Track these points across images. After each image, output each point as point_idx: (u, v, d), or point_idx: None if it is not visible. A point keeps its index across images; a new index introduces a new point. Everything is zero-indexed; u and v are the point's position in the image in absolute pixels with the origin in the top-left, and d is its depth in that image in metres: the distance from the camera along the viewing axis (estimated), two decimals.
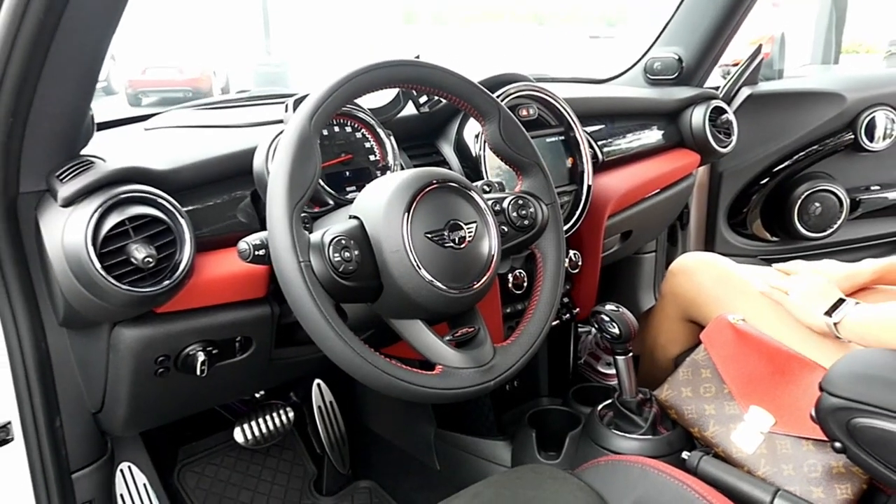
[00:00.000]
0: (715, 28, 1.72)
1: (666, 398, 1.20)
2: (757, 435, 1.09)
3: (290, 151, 0.80)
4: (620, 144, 1.57)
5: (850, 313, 1.06)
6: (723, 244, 2.03)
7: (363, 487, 1.62)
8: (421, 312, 0.86)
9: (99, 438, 1.09)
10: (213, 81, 9.05)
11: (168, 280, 0.84)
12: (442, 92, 0.96)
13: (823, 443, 1.00)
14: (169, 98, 8.38)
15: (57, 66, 0.78)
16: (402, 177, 0.87)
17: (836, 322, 1.07)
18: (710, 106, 1.69)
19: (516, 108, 1.28)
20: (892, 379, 0.88)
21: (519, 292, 1.28)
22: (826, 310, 1.09)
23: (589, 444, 1.21)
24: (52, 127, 0.85)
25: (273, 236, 0.78)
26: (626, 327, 1.16)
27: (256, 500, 1.54)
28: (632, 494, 0.95)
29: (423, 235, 0.84)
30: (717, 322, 1.21)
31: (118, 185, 0.83)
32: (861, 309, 1.06)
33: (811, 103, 1.94)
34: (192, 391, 1.08)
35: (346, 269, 0.80)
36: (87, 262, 0.79)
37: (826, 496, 1.00)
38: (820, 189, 1.94)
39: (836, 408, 0.90)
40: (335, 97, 0.84)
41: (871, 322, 1.02)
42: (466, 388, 0.85)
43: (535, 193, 1.02)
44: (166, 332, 0.94)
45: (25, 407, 0.98)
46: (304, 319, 0.77)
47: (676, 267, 1.45)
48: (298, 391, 1.66)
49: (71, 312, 0.89)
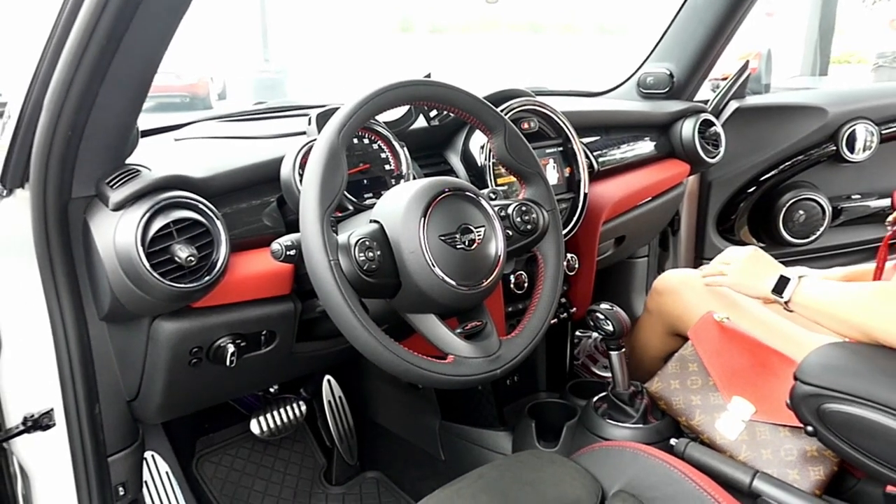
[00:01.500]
0: (704, 46, 1.82)
1: (656, 390, 1.29)
2: (739, 423, 1.18)
3: (321, 162, 0.89)
4: (615, 155, 1.67)
5: (807, 288, 1.12)
6: (712, 250, 2.12)
7: (370, 478, 1.71)
8: (434, 307, 0.95)
9: (132, 425, 1.17)
10: (211, 87, 9.11)
11: (208, 276, 0.93)
12: (453, 108, 1.05)
13: (799, 429, 1.09)
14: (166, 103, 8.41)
15: (114, 84, 0.87)
16: (419, 185, 0.96)
17: (788, 300, 1.14)
18: (699, 119, 1.79)
19: (518, 121, 1.38)
20: (858, 369, 0.98)
21: (520, 292, 1.38)
22: (772, 285, 1.15)
23: (584, 432, 1.30)
24: (104, 139, 0.94)
25: (306, 238, 0.87)
26: (620, 325, 1.26)
27: (270, 489, 1.63)
28: (624, 476, 1.04)
29: (438, 238, 0.93)
30: (704, 320, 1.30)
31: (163, 192, 0.93)
32: (818, 285, 1.11)
33: (795, 116, 2.04)
34: (221, 381, 1.17)
35: (369, 267, 0.89)
36: (137, 260, 0.88)
37: (801, 477, 1.10)
38: (804, 198, 2.04)
39: (808, 395, 1.00)
40: (360, 114, 0.94)
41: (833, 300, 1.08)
42: (476, 376, 0.94)
43: (537, 200, 1.11)
44: (201, 325, 1.03)
45: (69, 395, 1.06)
46: (333, 311, 0.87)
47: (660, 285, 1.51)
48: (308, 387, 1.75)
49: (116, 307, 0.97)
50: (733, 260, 1.28)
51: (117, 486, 1.15)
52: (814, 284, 1.12)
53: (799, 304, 1.13)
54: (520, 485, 1.01)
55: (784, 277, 1.15)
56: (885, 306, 0.99)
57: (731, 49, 1.94)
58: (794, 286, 1.14)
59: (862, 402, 0.94)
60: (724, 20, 1.77)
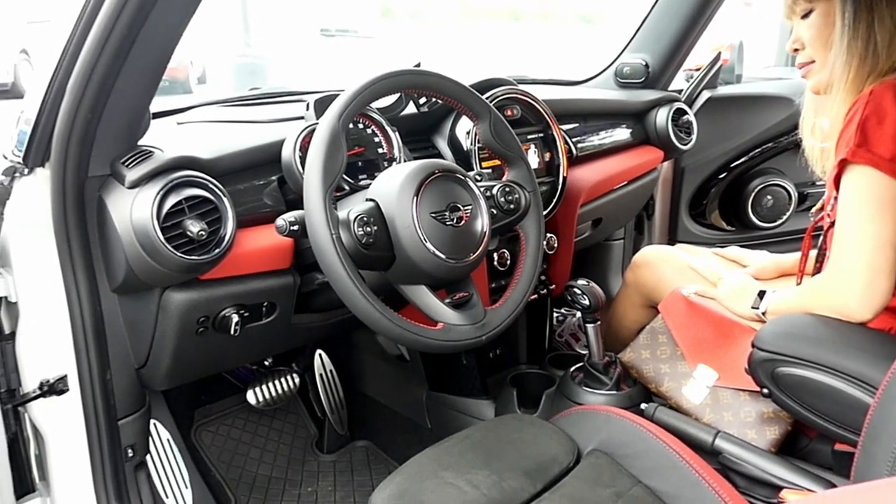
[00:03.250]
0: (678, 38, 1.91)
1: (628, 360, 1.39)
2: (703, 388, 1.29)
3: (323, 145, 0.97)
4: (593, 141, 1.76)
5: (772, 301, 1.26)
6: (684, 233, 2.23)
7: (360, 446, 1.80)
8: (425, 279, 1.04)
9: (140, 391, 1.25)
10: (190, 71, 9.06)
11: (217, 249, 1.01)
12: (442, 96, 1.13)
13: (757, 394, 1.19)
14: None
15: (132, 71, 0.94)
16: (412, 167, 1.05)
17: (763, 311, 1.27)
18: (672, 108, 1.89)
19: (502, 108, 1.47)
20: (807, 335, 1.08)
21: (503, 269, 1.47)
22: (752, 304, 1.29)
23: (562, 399, 1.40)
24: (120, 121, 1.01)
25: (310, 214, 0.95)
26: (595, 299, 1.35)
27: (265, 457, 1.72)
28: (598, 436, 1.13)
29: (429, 215, 1.02)
30: (673, 295, 1.40)
31: (175, 171, 1.00)
32: (778, 296, 1.26)
33: (764, 106, 2.15)
34: (224, 350, 1.25)
35: (367, 241, 0.98)
36: (154, 234, 0.96)
37: (758, 437, 1.20)
38: (771, 183, 2.15)
39: (763, 360, 1.10)
40: (358, 100, 1.02)
41: (787, 302, 1.22)
42: (463, 341, 1.03)
43: (519, 182, 1.20)
44: (208, 296, 1.11)
45: (83, 362, 1.13)
46: (336, 282, 0.95)
47: (640, 259, 1.63)
48: (300, 361, 1.83)
49: (131, 278, 1.05)
50: (725, 279, 1.40)
51: (126, 447, 1.23)
52: (775, 298, 1.26)
53: (770, 313, 1.26)
54: (503, 444, 1.11)
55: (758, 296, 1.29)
56: (817, 299, 1.13)
57: (704, 40, 2.03)
58: (765, 302, 1.27)
59: (811, 365, 1.05)
60: (696, 14, 1.86)
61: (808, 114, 1.34)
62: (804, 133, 1.35)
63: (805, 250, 1.33)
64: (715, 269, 1.46)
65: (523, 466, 1.05)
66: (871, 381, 0.97)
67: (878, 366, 0.96)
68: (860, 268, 1.05)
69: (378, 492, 1.00)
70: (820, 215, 1.27)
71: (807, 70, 1.23)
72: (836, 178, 1.11)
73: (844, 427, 1.03)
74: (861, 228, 1.06)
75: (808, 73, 1.23)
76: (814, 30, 1.19)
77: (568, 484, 1.03)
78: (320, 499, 1.64)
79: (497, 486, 1.00)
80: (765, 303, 1.27)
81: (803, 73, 1.25)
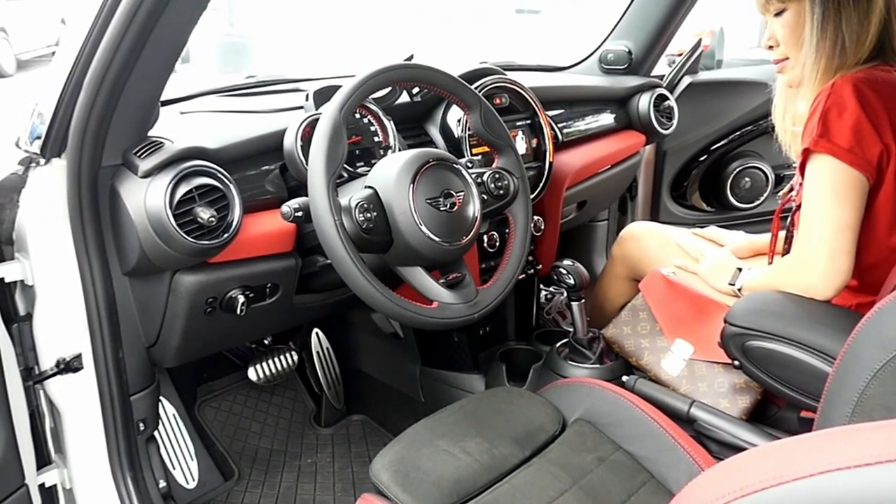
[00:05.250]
0: (660, 26, 1.97)
1: (611, 335, 1.48)
2: (680, 361, 1.37)
3: (326, 137, 1.03)
4: (578, 126, 1.83)
5: (746, 278, 1.35)
6: (666, 213, 2.31)
7: (356, 420, 1.88)
8: (421, 261, 1.11)
9: (150, 369, 1.32)
10: None
11: (226, 234, 1.08)
12: (436, 88, 1.20)
13: (730, 366, 1.28)
14: None
15: (144, 68, 1.00)
16: (408, 156, 1.11)
17: (739, 288, 1.36)
18: (654, 93, 1.96)
19: (491, 97, 1.53)
20: (774, 311, 1.16)
21: (492, 251, 1.54)
22: (729, 280, 1.37)
23: (549, 373, 1.49)
24: (133, 114, 1.07)
25: (315, 202, 1.02)
26: (580, 278, 1.43)
27: (265, 430, 1.80)
28: (582, 406, 1.22)
29: (424, 201, 1.09)
30: (653, 274, 1.48)
31: (185, 161, 1.07)
32: (752, 273, 1.35)
33: (743, 91, 2.22)
34: (230, 328, 1.32)
35: (367, 226, 1.05)
36: (167, 221, 1.03)
37: (730, 405, 1.29)
38: (750, 166, 2.23)
39: (734, 334, 1.18)
40: (358, 94, 1.08)
41: (760, 280, 1.31)
42: (457, 318, 1.11)
43: (508, 169, 1.27)
44: (216, 278, 1.18)
45: (97, 341, 1.20)
46: (338, 264, 1.02)
47: (626, 234, 1.72)
48: (297, 340, 1.91)
49: (143, 262, 1.11)
50: (707, 256, 1.48)
51: (138, 421, 1.30)
52: (749, 275, 1.35)
53: (745, 289, 1.34)
54: (494, 414, 1.19)
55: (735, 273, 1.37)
56: (785, 278, 1.21)
57: (686, 25, 2.09)
58: (741, 279, 1.35)
59: (777, 339, 1.13)
60: (678, 3, 1.92)
61: (779, 101, 1.40)
62: (776, 118, 1.42)
63: (774, 230, 1.41)
64: (698, 245, 1.54)
65: (512, 435, 1.13)
66: (831, 353, 1.06)
67: (837, 338, 1.04)
68: (822, 250, 1.14)
69: (379, 458, 1.08)
70: (787, 197, 1.35)
71: (781, 66, 1.29)
72: (801, 165, 1.19)
73: (807, 395, 1.12)
74: (822, 214, 1.14)
75: (782, 68, 1.30)
76: (787, 29, 1.25)
77: (554, 450, 1.11)
78: (320, 469, 1.72)
79: (488, 453, 1.08)
80: (740, 279, 1.36)
81: (778, 68, 1.31)
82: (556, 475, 1.05)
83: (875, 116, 1.12)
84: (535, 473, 1.06)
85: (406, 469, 1.05)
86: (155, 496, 1.33)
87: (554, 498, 1.01)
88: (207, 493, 1.62)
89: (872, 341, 0.80)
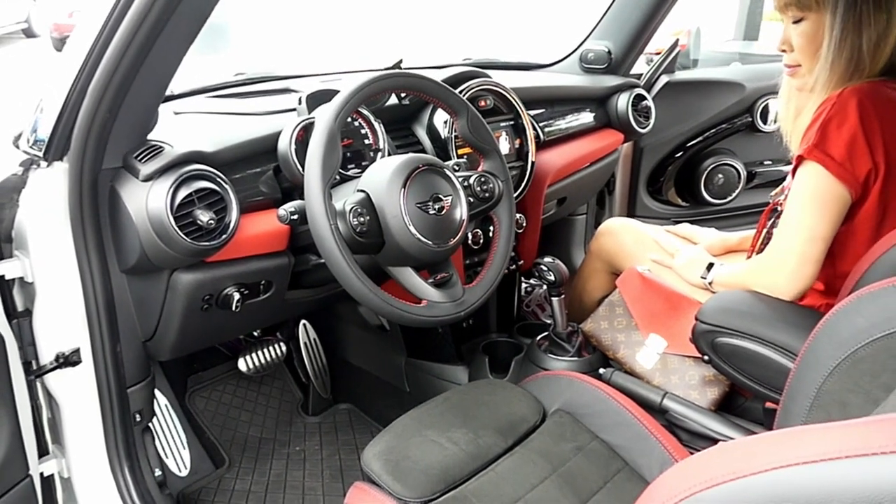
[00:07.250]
0: (639, 27, 2.03)
1: (589, 330, 1.55)
2: (654, 355, 1.45)
3: (321, 144, 1.08)
4: (559, 125, 1.89)
5: (717, 273, 1.42)
6: (642, 208, 2.38)
7: (343, 409, 1.94)
8: (411, 261, 1.17)
9: (146, 362, 1.36)
10: None
11: (224, 235, 1.13)
12: (424, 95, 1.25)
13: (700, 359, 1.35)
14: None
15: (146, 76, 1.04)
16: (399, 161, 1.16)
17: (710, 282, 1.43)
18: (632, 94, 2.02)
19: (476, 99, 1.58)
20: (741, 310, 1.23)
21: (476, 247, 1.60)
22: (702, 274, 1.44)
23: (529, 365, 1.55)
24: (134, 119, 1.11)
25: (311, 207, 1.06)
26: (560, 275, 1.50)
27: (254, 419, 1.85)
28: (561, 398, 1.28)
29: (415, 205, 1.14)
30: (629, 272, 1.55)
31: (185, 165, 1.11)
32: (724, 269, 1.42)
33: (718, 91, 2.30)
34: (225, 323, 1.37)
35: (360, 229, 1.10)
36: (168, 224, 1.07)
37: (700, 397, 1.37)
38: (723, 163, 2.31)
39: (705, 331, 1.26)
40: (352, 102, 1.13)
41: (731, 276, 1.38)
42: (444, 316, 1.17)
43: (493, 172, 1.32)
44: (212, 276, 1.22)
45: (95, 336, 1.24)
46: (333, 266, 1.07)
47: (603, 229, 1.79)
48: (285, 331, 1.95)
49: (143, 261, 1.15)
50: (682, 251, 1.55)
51: (135, 413, 1.35)
52: (721, 270, 1.42)
53: (716, 284, 1.41)
54: (477, 405, 1.25)
55: (707, 268, 1.44)
56: (754, 276, 1.28)
57: (663, 26, 2.15)
58: (712, 274, 1.42)
59: (744, 336, 1.21)
60: (657, 5, 1.98)
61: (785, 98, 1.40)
62: (781, 114, 1.42)
63: (760, 227, 1.45)
64: (673, 242, 1.61)
65: (496, 425, 1.19)
66: (793, 349, 1.13)
67: (799, 336, 1.10)
68: (792, 254, 1.20)
69: (369, 448, 1.14)
70: (775, 200, 1.39)
71: (793, 72, 1.30)
72: (793, 170, 1.24)
73: (771, 388, 1.20)
74: (800, 221, 1.20)
75: (794, 74, 1.30)
76: (803, 38, 1.24)
77: (535, 439, 1.18)
78: (308, 457, 1.78)
79: (474, 443, 1.14)
80: (712, 274, 1.43)
81: (789, 73, 1.32)
82: (537, 463, 1.12)
83: (871, 133, 1.15)
84: (517, 462, 1.12)
85: (396, 458, 1.10)
86: (151, 484, 1.37)
87: (535, 485, 1.08)
88: (199, 481, 1.67)
89: (830, 341, 0.87)
